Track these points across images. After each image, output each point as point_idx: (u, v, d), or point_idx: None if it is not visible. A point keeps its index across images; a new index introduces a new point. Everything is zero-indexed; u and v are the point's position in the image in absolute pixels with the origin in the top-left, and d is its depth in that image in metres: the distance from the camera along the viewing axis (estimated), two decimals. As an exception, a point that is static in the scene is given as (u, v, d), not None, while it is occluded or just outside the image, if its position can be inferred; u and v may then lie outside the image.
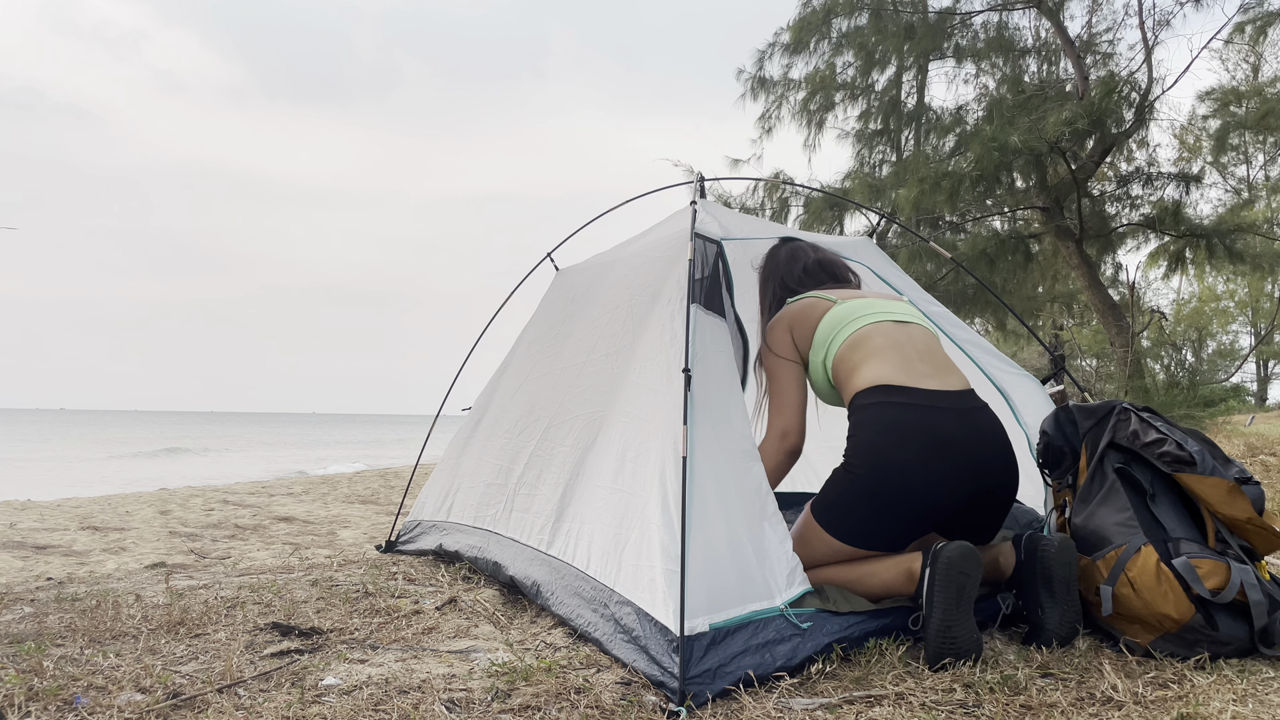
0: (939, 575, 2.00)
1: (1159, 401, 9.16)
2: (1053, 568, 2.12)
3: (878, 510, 2.18)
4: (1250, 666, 1.96)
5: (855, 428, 2.25)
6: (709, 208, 3.00)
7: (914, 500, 2.16)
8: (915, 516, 2.19)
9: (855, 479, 2.20)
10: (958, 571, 1.98)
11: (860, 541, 2.22)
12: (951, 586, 1.98)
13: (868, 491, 2.18)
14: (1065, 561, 2.12)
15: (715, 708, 1.80)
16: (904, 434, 2.17)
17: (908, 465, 2.14)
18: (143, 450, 30.53)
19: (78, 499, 9.94)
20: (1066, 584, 2.12)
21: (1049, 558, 2.12)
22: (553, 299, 3.69)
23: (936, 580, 2.00)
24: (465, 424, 3.82)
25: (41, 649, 2.20)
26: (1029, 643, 2.14)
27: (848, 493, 2.22)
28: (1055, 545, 2.13)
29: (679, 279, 2.59)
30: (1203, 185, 10.24)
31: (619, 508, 2.36)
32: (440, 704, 1.82)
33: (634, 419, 2.51)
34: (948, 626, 1.96)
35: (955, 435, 2.17)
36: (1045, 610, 2.13)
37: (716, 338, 2.47)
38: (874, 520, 2.19)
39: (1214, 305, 27.67)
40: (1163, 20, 9.45)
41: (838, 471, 2.27)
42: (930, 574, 2.02)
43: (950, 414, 2.21)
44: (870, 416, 2.23)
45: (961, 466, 2.16)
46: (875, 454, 2.18)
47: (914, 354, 2.31)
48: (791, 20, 11.39)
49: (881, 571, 2.18)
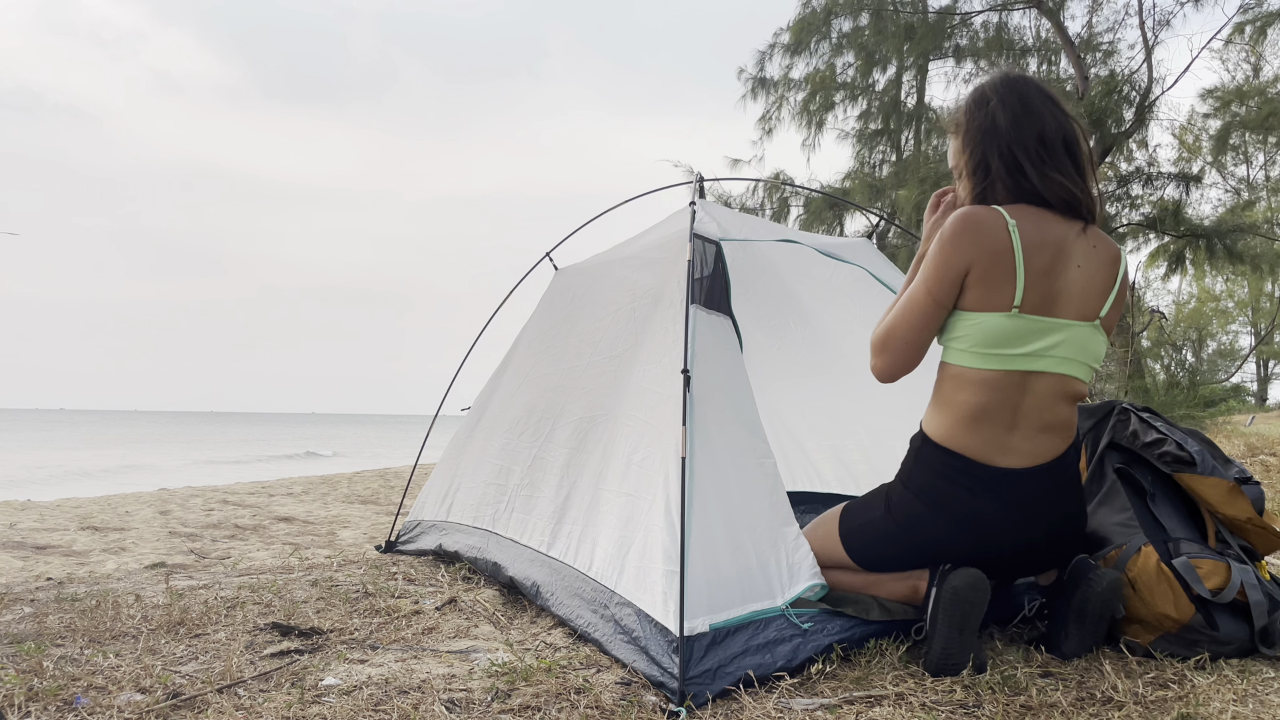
0: (943, 602, 1.93)
1: (1159, 401, 9.16)
2: (1090, 604, 2.00)
3: (905, 555, 2.09)
4: (1250, 666, 1.96)
5: (908, 476, 2.08)
6: (708, 208, 3.01)
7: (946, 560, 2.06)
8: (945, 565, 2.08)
9: (891, 525, 2.08)
10: (964, 601, 1.91)
11: (878, 569, 2.15)
12: (955, 615, 1.91)
13: (899, 540, 2.08)
14: (1106, 602, 2.00)
15: (715, 708, 1.80)
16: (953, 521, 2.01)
17: (950, 548, 2.03)
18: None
19: (77, 499, 9.94)
20: (1099, 620, 2.01)
21: (1091, 595, 1.99)
22: (552, 299, 3.69)
23: (941, 607, 1.93)
24: (465, 424, 3.82)
25: (41, 649, 2.20)
26: (1037, 644, 2.12)
27: (881, 532, 2.10)
28: (1103, 584, 1.99)
29: (679, 280, 2.59)
30: (1203, 185, 10.24)
31: (622, 510, 2.36)
32: (440, 704, 1.82)
33: (637, 421, 2.51)
34: (949, 653, 1.92)
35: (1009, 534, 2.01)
36: (1068, 636, 2.04)
37: (720, 335, 2.47)
38: (897, 560, 2.11)
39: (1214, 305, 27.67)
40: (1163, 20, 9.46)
41: (875, 502, 2.13)
42: (935, 597, 1.96)
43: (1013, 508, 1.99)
44: (931, 483, 2.02)
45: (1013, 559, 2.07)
46: (919, 524, 2.04)
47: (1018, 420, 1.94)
48: (792, 20, 11.39)
49: (888, 583, 2.14)
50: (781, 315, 4.29)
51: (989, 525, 1.99)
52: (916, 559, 2.08)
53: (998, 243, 1.86)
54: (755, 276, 4.13)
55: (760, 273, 4.12)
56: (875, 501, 2.14)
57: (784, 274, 4.16)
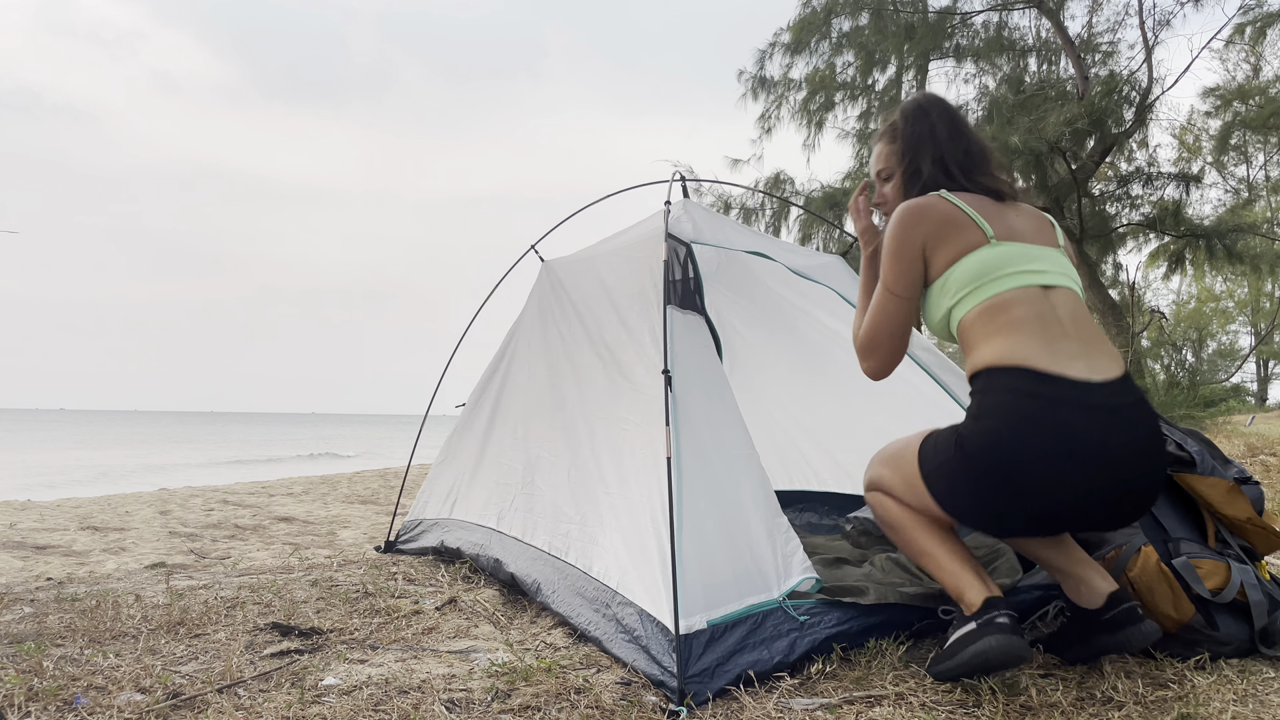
0: (971, 657, 1.80)
1: (1159, 401, 9.16)
2: (1127, 647, 1.92)
3: (990, 501, 1.86)
4: (1250, 666, 1.96)
5: (979, 408, 1.88)
6: (688, 208, 3.01)
7: (1036, 507, 1.84)
8: (1033, 520, 1.88)
9: (968, 456, 1.85)
10: (995, 663, 1.79)
11: (961, 518, 1.93)
12: (979, 668, 1.81)
13: (981, 478, 1.84)
14: (1135, 647, 1.92)
15: (715, 707, 1.80)
16: (1036, 437, 1.80)
17: (1036, 472, 1.79)
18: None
19: (77, 499, 9.94)
20: (1117, 653, 1.98)
21: (1132, 641, 1.90)
22: (541, 294, 3.68)
23: (968, 656, 1.81)
24: (460, 421, 3.81)
25: (41, 649, 2.20)
26: (1036, 644, 2.11)
27: (959, 470, 1.87)
28: (1149, 637, 1.89)
29: (655, 280, 2.60)
30: (1203, 185, 10.24)
31: (621, 511, 2.37)
32: (440, 704, 1.82)
33: (627, 422, 2.52)
34: (956, 679, 1.88)
35: (1100, 443, 1.80)
36: (1080, 650, 2.00)
37: (696, 335, 2.49)
38: (983, 507, 1.88)
39: (1214, 305, 27.68)
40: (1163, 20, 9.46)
41: (946, 435, 1.92)
42: (969, 637, 1.82)
43: (1097, 413, 1.81)
44: (999, 403, 1.84)
45: (1103, 481, 1.81)
46: (998, 446, 1.81)
47: (1059, 330, 1.89)
48: (792, 20, 11.40)
49: (946, 565, 1.93)
50: (773, 314, 4.30)
51: (1082, 436, 1.79)
52: (1008, 501, 1.83)
53: (943, 210, 1.99)
54: (746, 276, 4.13)
55: (751, 272, 4.12)
56: (945, 443, 1.91)
57: (774, 274, 4.16)
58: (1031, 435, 1.80)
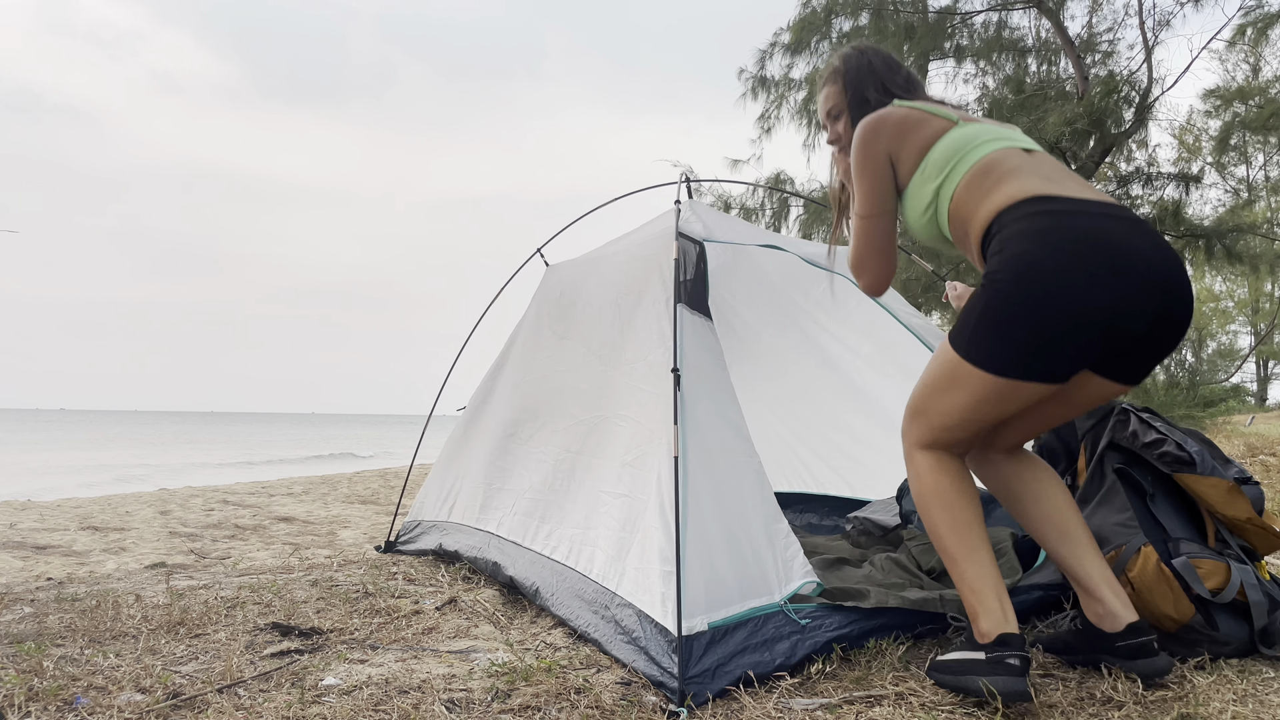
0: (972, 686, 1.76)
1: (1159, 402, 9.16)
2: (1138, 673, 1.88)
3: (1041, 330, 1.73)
4: (1250, 666, 1.96)
5: (1000, 245, 1.80)
6: (696, 209, 3.01)
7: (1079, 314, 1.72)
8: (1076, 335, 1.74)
9: (1001, 290, 1.75)
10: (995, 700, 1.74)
11: (1007, 366, 1.77)
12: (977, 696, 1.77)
13: (1019, 303, 1.74)
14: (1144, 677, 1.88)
15: (715, 708, 1.80)
16: (1067, 242, 1.73)
17: (1073, 278, 1.71)
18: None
19: (77, 499, 9.94)
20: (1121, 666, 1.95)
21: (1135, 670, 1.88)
22: (544, 297, 3.68)
23: (970, 684, 1.77)
24: (460, 423, 3.82)
25: (41, 649, 2.20)
26: (1036, 644, 2.12)
27: (994, 308, 1.77)
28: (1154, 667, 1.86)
29: (665, 279, 2.60)
30: (1203, 185, 10.23)
31: (620, 512, 2.36)
32: (440, 704, 1.82)
33: (628, 420, 2.52)
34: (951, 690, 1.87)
35: (1133, 243, 1.74)
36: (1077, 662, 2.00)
37: (704, 337, 2.48)
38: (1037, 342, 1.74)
39: (1214, 305, 27.66)
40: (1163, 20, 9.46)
41: (971, 303, 1.84)
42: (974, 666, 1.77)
43: (1121, 221, 1.77)
44: (1020, 230, 1.77)
45: (1143, 282, 1.73)
46: (1031, 266, 1.73)
47: (1053, 174, 1.89)
48: (792, 20, 11.40)
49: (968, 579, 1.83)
50: (777, 316, 4.30)
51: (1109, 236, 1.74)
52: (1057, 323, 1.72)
53: (900, 113, 2.04)
54: (752, 277, 4.13)
55: (757, 273, 4.13)
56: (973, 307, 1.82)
57: (777, 276, 4.16)
58: (1065, 243, 1.74)
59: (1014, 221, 1.80)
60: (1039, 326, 1.73)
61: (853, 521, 3.50)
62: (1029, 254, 1.74)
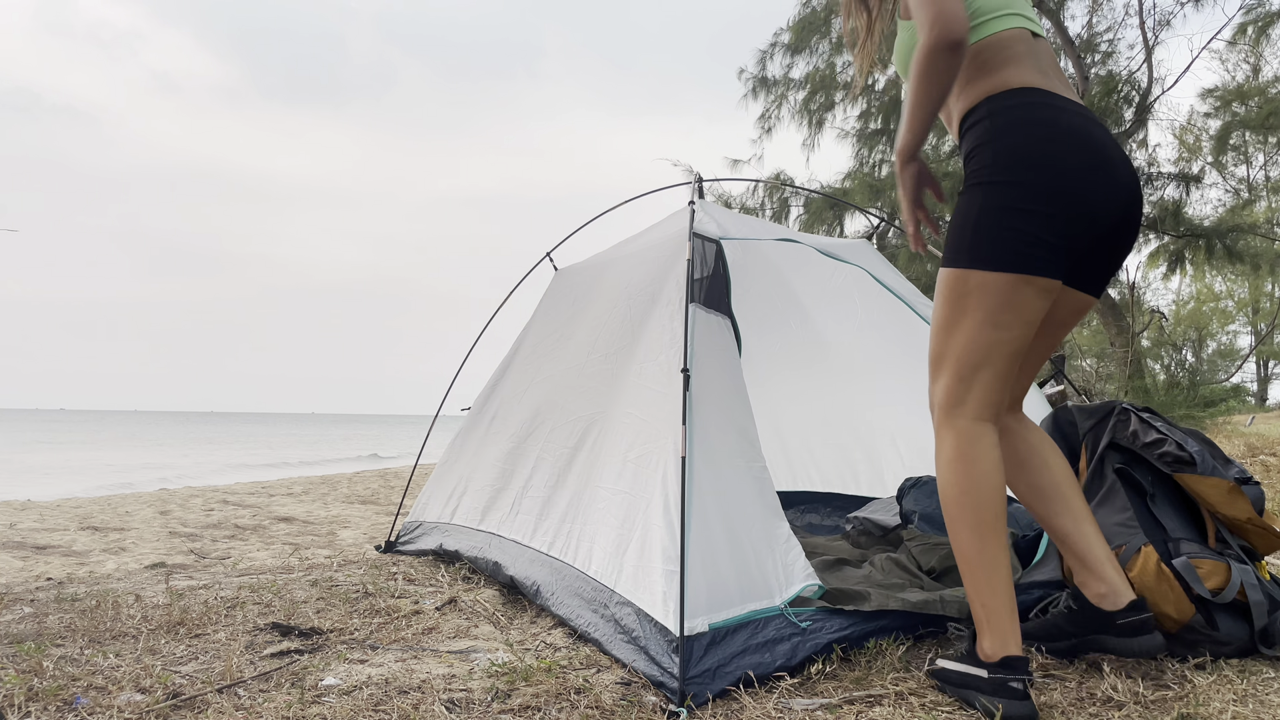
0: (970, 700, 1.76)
1: (1159, 401, 9.17)
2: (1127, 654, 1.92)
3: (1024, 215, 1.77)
4: (1250, 666, 1.96)
5: (991, 133, 1.83)
6: (708, 208, 3.01)
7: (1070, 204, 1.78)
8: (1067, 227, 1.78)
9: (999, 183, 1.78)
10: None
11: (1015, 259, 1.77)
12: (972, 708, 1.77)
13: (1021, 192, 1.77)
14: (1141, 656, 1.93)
15: (715, 708, 1.80)
16: (1060, 134, 1.80)
17: (1068, 168, 1.77)
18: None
19: (77, 499, 9.94)
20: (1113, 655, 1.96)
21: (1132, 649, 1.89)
22: (552, 299, 3.69)
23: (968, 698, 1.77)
24: (465, 424, 3.82)
25: (41, 649, 2.20)
26: (1036, 645, 2.11)
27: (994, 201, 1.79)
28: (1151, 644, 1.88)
29: (678, 279, 2.59)
30: (1203, 185, 10.23)
31: (620, 509, 2.36)
32: (440, 704, 1.82)
33: (635, 419, 2.51)
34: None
35: (1109, 145, 1.84)
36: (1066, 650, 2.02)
37: (719, 336, 2.47)
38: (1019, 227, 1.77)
39: (1214, 305, 27.66)
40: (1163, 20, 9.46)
41: (963, 206, 1.84)
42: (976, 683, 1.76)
43: (1096, 123, 1.87)
44: (1016, 118, 1.82)
45: (1116, 178, 1.83)
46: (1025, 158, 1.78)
47: (1049, 68, 1.94)
48: (792, 20, 11.40)
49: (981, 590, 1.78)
50: (782, 316, 4.30)
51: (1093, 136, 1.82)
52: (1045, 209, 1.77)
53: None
54: (756, 277, 4.14)
55: (761, 273, 4.13)
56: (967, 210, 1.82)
57: (785, 275, 4.16)
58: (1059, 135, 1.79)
59: (1009, 110, 1.83)
60: (1042, 214, 1.77)
61: (853, 522, 3.50)
62: (1025, 145, 1.79)
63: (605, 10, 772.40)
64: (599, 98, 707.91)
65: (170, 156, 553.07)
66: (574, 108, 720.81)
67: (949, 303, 1.84)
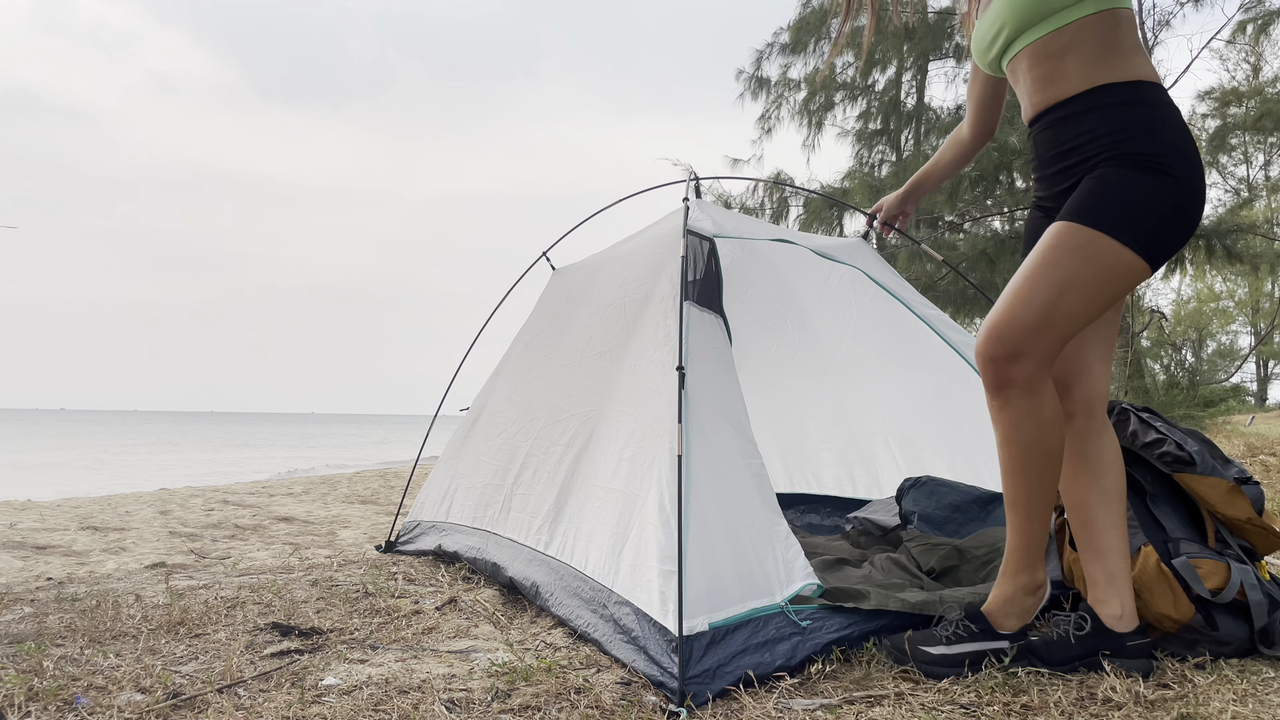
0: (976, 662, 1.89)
1: (1159, 401, 9.17)
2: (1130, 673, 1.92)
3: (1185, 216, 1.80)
4: (1250, 666, 1.96)
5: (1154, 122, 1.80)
6: (703, 206, 3.01)
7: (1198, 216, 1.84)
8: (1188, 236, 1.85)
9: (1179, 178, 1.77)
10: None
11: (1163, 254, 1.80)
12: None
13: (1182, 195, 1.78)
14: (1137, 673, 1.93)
15: (715, 707, 1.80)
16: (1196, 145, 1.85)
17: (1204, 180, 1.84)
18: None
19: (77, 499, 9.94)
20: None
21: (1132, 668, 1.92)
22: (549, 299, 3.69)
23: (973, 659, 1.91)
24: (463, 424, 3.82)
25: (41, 649, 2.20)
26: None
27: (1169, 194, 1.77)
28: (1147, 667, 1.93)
29: (672, 276, 2.59)
30: (1203, 185, 10.23)
31: (616, 508, 2.36)
32: (440, 704, 1.82)
33: (630, 418, 2.51)
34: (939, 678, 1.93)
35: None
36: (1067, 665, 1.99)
37: (713, 334, 2.47)
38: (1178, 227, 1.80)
39: (1214, 305, 27.65)
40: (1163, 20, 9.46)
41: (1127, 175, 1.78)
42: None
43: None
44: (1174, 118, 1.82)
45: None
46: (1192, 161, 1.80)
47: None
48: (791, 20, 11.40)
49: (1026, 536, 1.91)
50: (779, 316, 4.30)
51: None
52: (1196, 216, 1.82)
53: None
54: (754, 277, 4.13)
55: (758, 273, 4.12)
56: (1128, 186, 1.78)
57: (782, 274, 4.16)
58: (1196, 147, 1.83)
59: (1167, 106, 1.83)
60: (1193, 220, 1.81)
61: (852, 522, 3.50)
62: (1189, 149, 1.80)
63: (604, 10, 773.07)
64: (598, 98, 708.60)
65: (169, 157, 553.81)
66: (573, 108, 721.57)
67: (1074, 260, 1.77)
